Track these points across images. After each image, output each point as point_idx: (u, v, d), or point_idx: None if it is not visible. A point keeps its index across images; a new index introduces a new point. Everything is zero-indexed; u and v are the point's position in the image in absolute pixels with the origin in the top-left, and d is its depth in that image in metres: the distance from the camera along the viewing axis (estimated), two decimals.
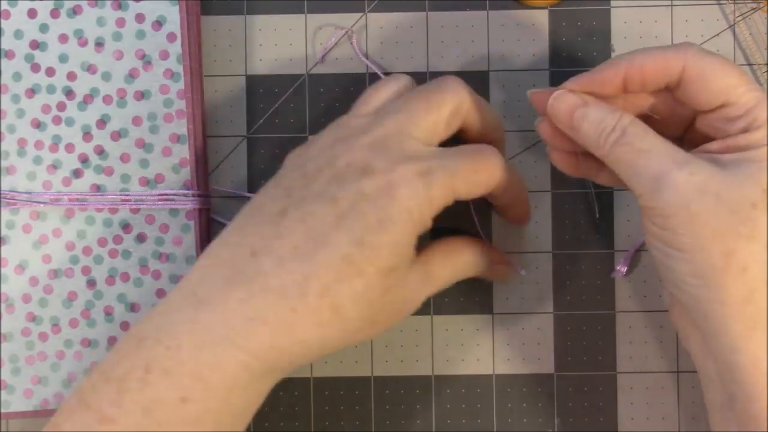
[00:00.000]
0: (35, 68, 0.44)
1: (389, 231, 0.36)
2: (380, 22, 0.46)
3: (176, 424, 0.35)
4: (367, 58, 0.46)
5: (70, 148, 0.45)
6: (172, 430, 0.35)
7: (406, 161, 0.36)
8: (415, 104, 0.38)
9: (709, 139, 0.38)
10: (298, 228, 0.36)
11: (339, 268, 0.35)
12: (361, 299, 0.36)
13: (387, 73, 0.46)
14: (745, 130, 0.36)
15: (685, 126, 0.40)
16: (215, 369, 0.35)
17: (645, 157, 0.36)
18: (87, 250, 0.45)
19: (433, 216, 0.37)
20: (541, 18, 0.46)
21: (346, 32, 0.45)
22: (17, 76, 0.44)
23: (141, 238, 0.45)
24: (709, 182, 0.35)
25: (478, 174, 0.38)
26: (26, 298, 0.45)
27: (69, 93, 0.44)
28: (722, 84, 0.37)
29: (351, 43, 0.45)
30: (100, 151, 0.45)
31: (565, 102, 0.39)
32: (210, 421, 0.36)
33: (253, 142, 0.46)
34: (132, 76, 0.44)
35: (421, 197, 0.36)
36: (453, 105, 0.39)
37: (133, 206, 0.44)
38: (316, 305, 0.35)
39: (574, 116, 0.38)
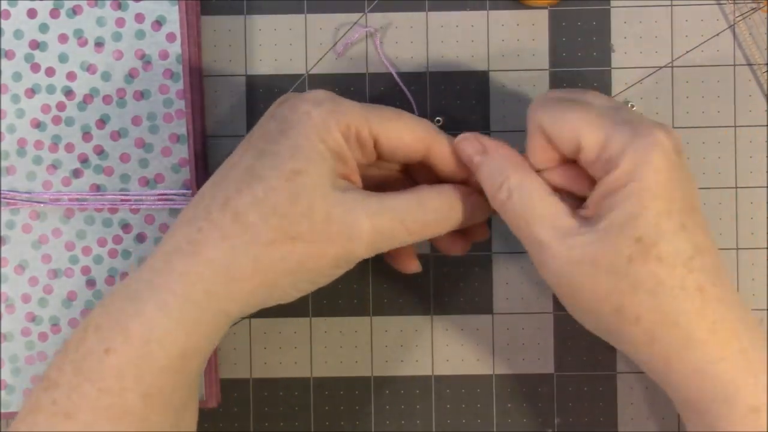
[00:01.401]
0: (35, 68, 0.44)
1: (288, 135, 0.36)
2: (380, 22, 0.46)
3: (101, 378, 0.35)
4: (379, 58, 0.46)
5: (69, 148, 0.45)
6: (98, 384, 0.35)
7: (325, 91, 0.38)
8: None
9: None
10: (221, 169, 0.38)
11: (242, 178, 0.36)
12: (263, 204, 0.35)
13: (400, 74, 0.46)
14: (606, 171, 0.36)
15: None
16: (134, 317, 0.35)
17: (527, 225, 0.37)
18: (87, 250, 0.45)
19: (340, 131, 0.37)
20: (541, 18, 0.46)
21: (368, 31, 0.45)
22: (17, 76, 0.44)
23: (141, 238, 0.45)
24: (585, 252, 0.35)
25: (401, 120, 0.38)
26: (26, 298, 0.45)
27: (69, 93, 0.44)
28: (567, 131, 0.36)
29: (375, 43, 0.45)
30: (100, 151, 0.45)
31: (467, 147, 0.39)
32: (131, 374, 0.35)
33: None
34: (132, 76, 0.44)
35: (323, 106, 0.37)
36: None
37: (133, 206, 0.44)
38: (218, 218, 0.36)
39: (474, 163, 0.38)
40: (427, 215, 0.38)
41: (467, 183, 0.40)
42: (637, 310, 0.35)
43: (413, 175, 0.42)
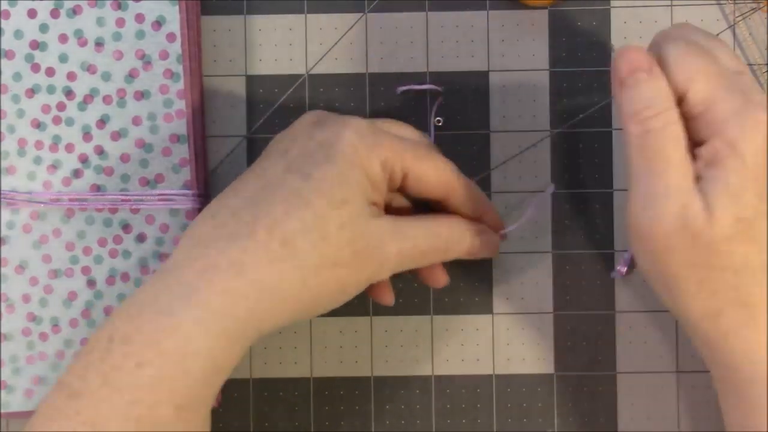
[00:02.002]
0: (35, 68, 0.44)
1: (335, 163, 0.37)
2: (380, 22, 0.46)
3: (132, 390, 0.35)
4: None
5: (70, 148, 0.45)
6: (129, 396, 0.35)
7: (359, 120, 0.39)
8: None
9: None
10: (252, 182, 0.38)
11: (288, 201, 0.36)
12: (312, 231, 0.36)
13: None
14: (707, 137, 0.35)
15: None
16: (169, 332, 0.35)
17: (663, 166, 0.36)
18: (87, 250, 0.45)
19: (380, 164, 0.38)
20: (541, 18, 0.46)
21: (438, 101, 0.45)
22: (17, 76, 0.44)
23: (141, 238, 0.45)
24: (693, 222, 0.35)
25: (432, 161, 0.40)
26: (26, 298, 0.45)
27: (69, 93, 0.44)
28: (683, 77, 0.36)
29: (435, 106, 0.45)
30: (100, 151, 0.45)
31: (632, 59, 0.36)
32: (165, 387, 0.35)
33: (253, 142, 0.46)
34: (132, 76, 0.44)
35: (367, 138, 0.38)
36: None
37: (133, 206, 0.44)
38: (265, 240, 0.36)
39: (632, 76, 0.36)
40: (440, 243, 0.40)
41: (478, 221, 0.42)
42: (716, 285, 0.36)
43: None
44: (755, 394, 0.36)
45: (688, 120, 0.36)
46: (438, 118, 0.46)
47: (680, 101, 0.36)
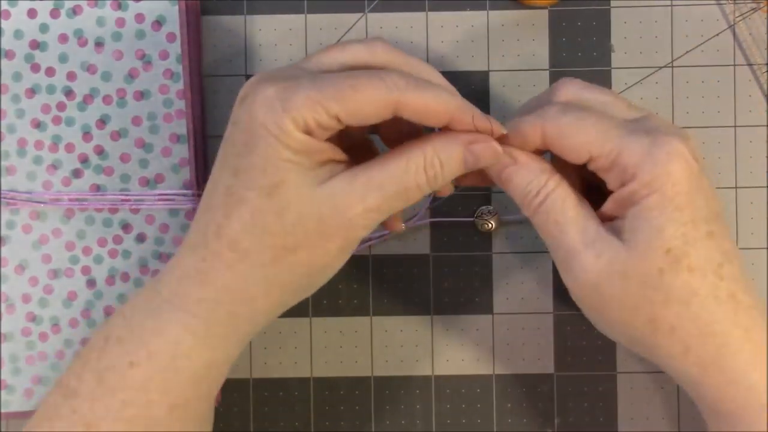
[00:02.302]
0: (35, 68, 0.44)
1: (254, 151, 0.35)
2: (380, 22, 0.46)
3: (125, 390, 0.36)
4: None
5: (70, 148, 0.45)
6: (122, 396, 0.35)
7: (275, 82, 0.35)
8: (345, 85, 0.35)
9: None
10: (209, 184, 0.37)
11: (226, 203, 0.36)
12: (253, 227, 0.35)
13: None
14: (622, 183, 0.36)
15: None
16: (158, 333, 0.36)
17: (558, 231, 0.37)
18: (87, 250, 0.45)
19: (300, 129, 0.34)
20: (541, 18, 0.46)
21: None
22: (17, 76, 0.44)
23: (141, 238, 0.45)
24: (614, 262, 0.35)
25: (357, 92, 0.35)
26: (26, 298, 0.45)
27: (69, 93, 0.44)
28: (578, 142, 0.36)
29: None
30: (100, 151, 0.45)
31: (494, 156, 0.37)
32: (156, 387, 0.36)
33: None
34: (132, 76, 0.44)
35: (275, 111, 0.34)
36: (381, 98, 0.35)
37: (133, 206, 0.44)
38: (217, 248, 0.36)
39: (503, 174, 0.38)
40: (415, 177, 0.36)
41: (449, 127, 0.37)
42: (672, 321, 0.35)
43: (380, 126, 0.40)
44: (752, 421, 0.35)
45: (603, 173, 0.36)
46: None
47: (591, 160, 0.36)
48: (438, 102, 0.36)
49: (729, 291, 0.35)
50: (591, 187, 0.39)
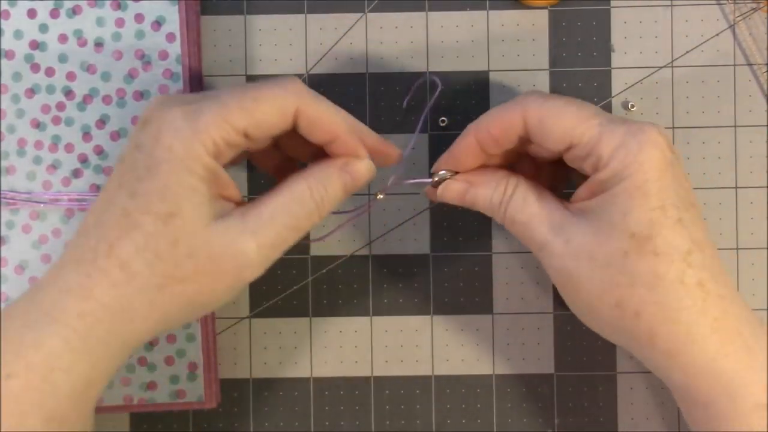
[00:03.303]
0: (35, 68, 0.44)
1: (156, 176, 0.35)
2: (380, 22, 0.46)
3: (2, 402, 0.35)
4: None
5: (69, 148, 0.45)
6: None
7: (180, 105, 0.36)
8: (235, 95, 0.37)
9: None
10: (100, 198, 0.37)
11: (120, 224, 0.35)
12: (145, 251, 0.35)
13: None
14: (596, 170, 0.36)
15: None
16: (35, 346, 0.35)
17: (526, 229, 0.38)
18: None
19: (209, 153, 0.35)
20: (541, 18, 0.46)
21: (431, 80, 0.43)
22: (17, 76, 0.44)
23: None
24: (582, 245, 0.36)
25: (260, 102, 0.36)
26: None
27: (69, 93, 0.44)
28: (561, 127, 0.37)
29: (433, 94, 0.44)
30: (100, 151, 0.45)
31: (452, 191, 0.40)
32: (32, 400, 0.35)
33: None
34: (131, 76, 0.44)
35: (184, 133, 0.35)
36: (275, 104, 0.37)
37: None
38: (105, 266, 0.35)
39: (466, 200, 0.40)
40: (307, 207, 0.37)
41: (338, 141, 0.38)
42: (637, 305, 0.35)
43: (280, 143, 0.41)
44: (721, 410, 0.35)
45: (579, 161, 0.37)
46: (443, 118, 0.46)
47: (570, 148, 0.37)
48: (330, 115, 0.38)
49: (697, 279, 0.35)
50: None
